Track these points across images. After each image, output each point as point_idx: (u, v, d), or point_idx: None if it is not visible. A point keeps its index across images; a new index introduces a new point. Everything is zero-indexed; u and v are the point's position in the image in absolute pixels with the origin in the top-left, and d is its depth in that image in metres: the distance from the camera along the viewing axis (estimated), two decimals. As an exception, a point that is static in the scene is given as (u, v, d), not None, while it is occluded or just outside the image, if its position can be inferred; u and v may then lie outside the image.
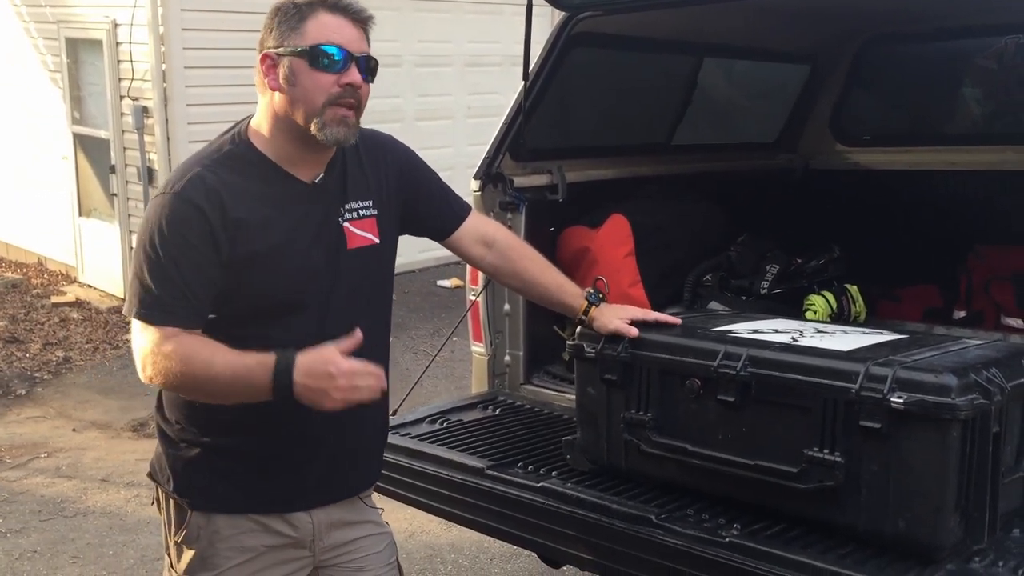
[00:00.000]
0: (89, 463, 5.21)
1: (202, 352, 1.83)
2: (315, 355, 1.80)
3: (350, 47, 1.91)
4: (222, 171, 1.92)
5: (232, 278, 1.89)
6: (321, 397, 1.79)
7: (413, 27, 8.75)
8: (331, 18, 1.90)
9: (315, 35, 1.89)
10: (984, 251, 3.94)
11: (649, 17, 3.43)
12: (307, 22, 1.89)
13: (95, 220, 8.48)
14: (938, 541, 1.95)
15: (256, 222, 1.90)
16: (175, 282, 1.84)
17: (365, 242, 2.05)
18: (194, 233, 1.85)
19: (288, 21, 1.90)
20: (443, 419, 3.05)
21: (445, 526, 4.10)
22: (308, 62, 1.88)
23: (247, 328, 1.92)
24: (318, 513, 2.08)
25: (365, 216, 2.06)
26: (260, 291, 1.92)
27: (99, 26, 7.79)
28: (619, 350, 2.37)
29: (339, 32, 1.90)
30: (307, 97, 1.89)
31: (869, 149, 4.43)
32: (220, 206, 1.87)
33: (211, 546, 2.01)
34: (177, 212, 1.86)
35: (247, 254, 1.88)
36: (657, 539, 2.18)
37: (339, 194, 2.03)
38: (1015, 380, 2.05)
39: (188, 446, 2.01)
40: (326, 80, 1.89)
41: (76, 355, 6.96)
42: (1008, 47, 4.01)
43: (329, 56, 1.88)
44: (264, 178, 1.94)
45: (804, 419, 2.08)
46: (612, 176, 3.72)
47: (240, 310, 1.92)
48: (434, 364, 3.79)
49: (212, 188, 1.88)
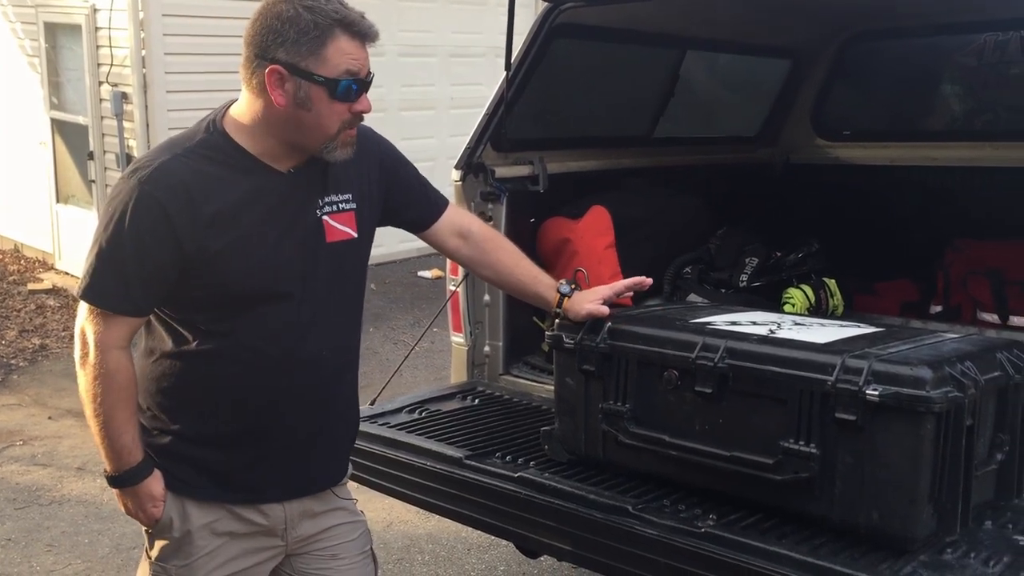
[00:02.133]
0: (65, 451, 5.17)
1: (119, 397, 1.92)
2: (149, 495, 1.98)
3: (363, 74, 1.89)
4: (193, 159, 1.90)
5: (199, 268, 1.88)
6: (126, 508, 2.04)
7: (397, 17, 8.71)
8: (350, 44, 1.86)
9: (336, 64, 1.85)
10: (961, 246, 3.98)
11: (632, 9, 3.44)
12: (327, 47, 1.84)
13: (73, 207, 8.40)
14: (911, 533, 1.97)
15: (224, 213, 1.88)
16: (120, 272, 1.87)
17: (343, 236, 2.04)
18: (150, 229, 1.85)
19: (307, 41, 1.83)
20: (422, 409, 3.05)
21: (423, 516, 4.10)
22: (329, 93, 1.86)
23: (223, 321, 1.93)
24: (290, 503, 2.07)
25: (344, 210, 2.04)
26: (228, 280, 1.91)
27: (78, 10, 7.71)
28: (597, 341, 2.38)
29: (358, 60, 1.88)
30: (321, 124, 1.88)
31: (849, 144, 4.45)
32: (186, 199, 1.85)
33: (184, 533, 2.01)
34: (137, 204, 1.85)
35: (213, 245, 1.87)
36: (633, 529, 2.19)
37: (318, 187, 2.01)
38: (989, 374, 2.07)
39: (160, 433, 2.01)
40: (342, 109, 1.89)
41: (52, 343, 6.91)
42: (987, 44, 4.04)
43: (351, 89, 1.87)
44: (238, 167, 1.93)
45: (780, 411, 2.10)
46: (593, 168, 3.72)
47: (211, 300, 1.92)
48: (414, 354, 3.77)
49: (179, 179, 1.86)
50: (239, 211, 1.90)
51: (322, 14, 1.84)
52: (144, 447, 2.00)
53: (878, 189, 4.22)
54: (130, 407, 1.95)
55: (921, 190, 4.12)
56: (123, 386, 1.93)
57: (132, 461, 1.96)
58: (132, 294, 1.89)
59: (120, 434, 1.94)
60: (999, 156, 3.91)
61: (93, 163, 7.88)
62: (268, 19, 1.85)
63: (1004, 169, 3.89)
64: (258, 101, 1.90)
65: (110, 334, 1.89)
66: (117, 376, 1.91)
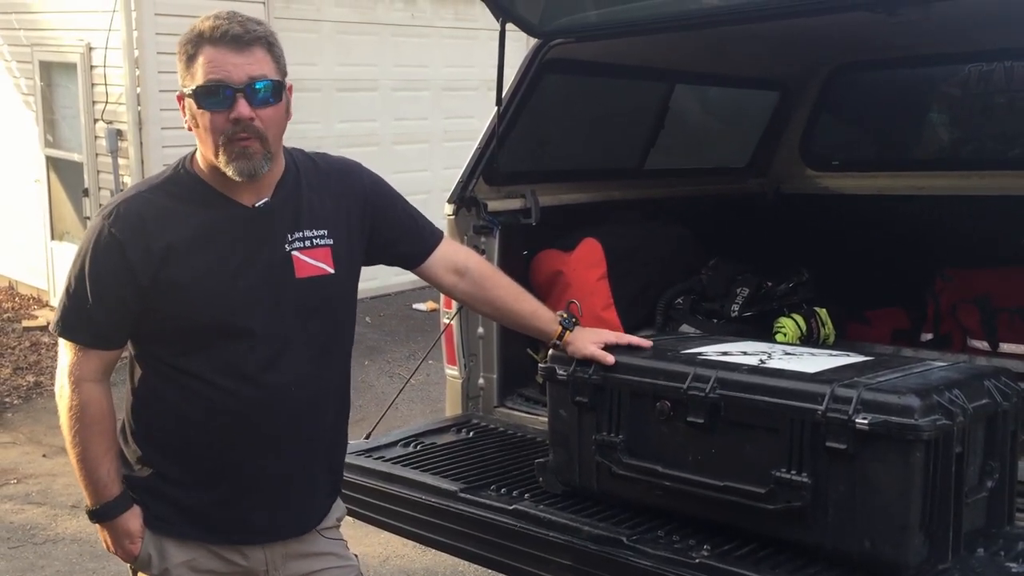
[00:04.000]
0: (59, 489, 5.15)
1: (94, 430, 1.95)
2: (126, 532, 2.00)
3: (231, 80, 1.85)
4: (158, 195, 1.96)
5: (156, 301, 1.92)
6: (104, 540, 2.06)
7: (390, 51, 8.80)
8: (213, 52, 1.86)
9: (201, 74, 1.86)
10: (951, 274, 4.01)
11: (621, 44, 3.48)
12: (196, 62, 1.87)
13: (68, 244, 8.41)
14: (903, 560, 1.98)
15: (181, 247, 1.91)
16: (83, 306, 1.93)
17: (317, 271, 2.02)
18: (109, 266, 1.91)
19: (184, 62, 1.90)
20: (417, 442, 3.06)
21: (420, 550, 4.08)
22: (196, 104, 1.89)
23: (185, 355, 1.94)
24: (271, 546, 2.06)
25: (319, 245, 2.03)
26: (184, 312, 1.93)
27: (73, 49, 7.78)
28: (590, 372, 2.39)
29: (220, 67, 1.85)
30: (206, 137, 1.91)
31: (838, 174, 4.50)
32: (143, 234, 1.90)
33: (162, 571, 2.02)
34: (100, 242, 1.92)
35: (169, 278, 1.91)
36: (628, 560, 2.19)
37: (288, 221, 2.00)
38: (977, 401, 2.09)
39: (140, 468, 2.02)
40: (218, 119, 1.87)
41: (47, 380, 6.89)
42: (972, 74, 4.10)
43: (212, 95, 1.86)
44: (200, 202, 1.95)
45: (772, 440, 2.11)
46: (585, 200, 3.75)
47: (171, 333, 1.95)
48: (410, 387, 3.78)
49: (139, 216, 1.92)
50: (194, 244, 1.93)
51: (193, 33, 1.89)
52: (126, 482, 2.01)
53: (867, 218, 4.26)
54: (105, 441, 1.97)
55: (910, 219, 4.15)
56: (96, 419, 1.95)
57: (109, 495, 1.98)
58: (98, 327, 1.94)
59: (96, 467, 1.96)
60: (986, 184, 3.95)
61: (88, 200, 7.91)
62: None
63: (991, 197, 3.93)
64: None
65: (83, 367, 1.94)
66: (89, 408, 1.94)
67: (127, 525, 2.00)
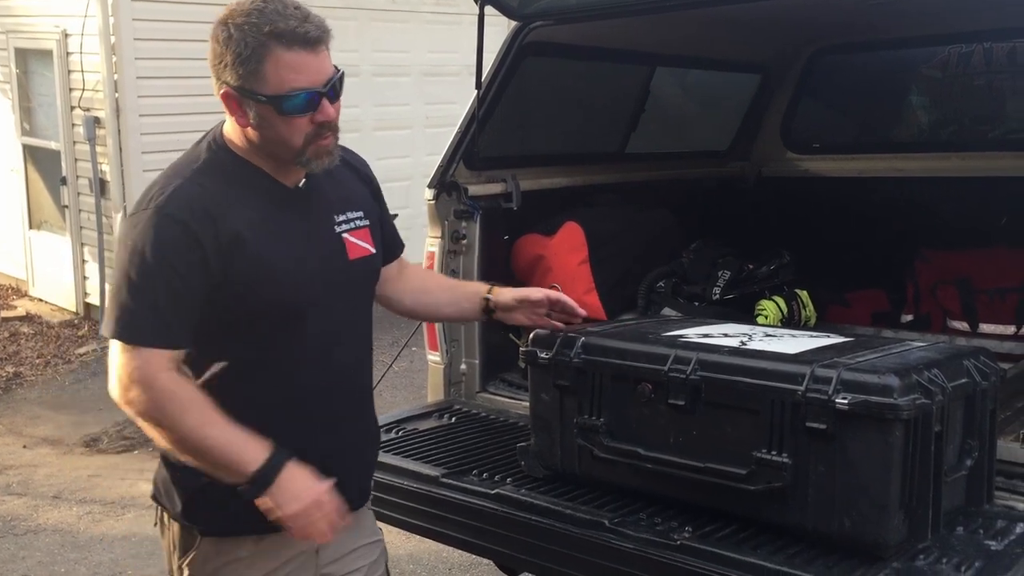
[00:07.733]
0: (40, 480, 5.12)
1: (196, 407, 1.78)
2: (306, 477, 1.81)
3: (315, 84, 1.80)
4: (205, 180, 1.85)
5: (225, 290, 1.82)
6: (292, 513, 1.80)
7: (371, 37, 8.74)
8: (288, 55, 1.77)
9: (277, 82, 1.77)
10: (930, 255, 4.03)
11: (601, 26, 3.47)
12: (265, 65, 1.77)
13: (46, 233, 8.34)
14: (883, 539, 1.99)
15: (248, 234, 1.83)
16: (153, 303, 1.78)
17: (364, 252, 2.04)
18: (178, 256, 1.78)
19: (242, 62, 1.77)
20: (399, 428, 3.05)
21: (403, 536, 4.07)
22: (276, 111, 1.80)
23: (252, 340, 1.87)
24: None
25: (360, 227, 2.04)
26: (263, 298, 1.85)
27: (49, 36, 7.69)
28: (572, 355, 2.39)
29: (301, 71, 1.78)
30: (283, 140, 1.84)
31: (819, 157, 4.51)
32: (208, 218, 1.80)
33: (218, 570, 1.96)
34: (160, 232, 1.78)
35: (237, 263, 1.82)
36: (610, 543, 2.19)
37: (330, 204, 1.99)
38: (956, 380, 2.10)
39: (194, 471, 1.87)
40: (299, 123, 1.82)
41: (27, 370, 6.83)
42: (951, 56, 4.11)
43: (297, 103, 1.80)
44: (248, 183, 1.89)
45: (753, 421, 2.12)
46: (566, 184, 3.75)
47: (242, 324, 1.87)
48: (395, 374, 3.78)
49: (197, 200, 1.81)
50: (261, 230, 1.86)
51: (253, 30, 1.76)
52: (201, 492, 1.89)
53: (848, 201, 4.27)
54: (212, 412, 1.78)
55: (890, 201, 4.17)
56: (192, 397, 1.79)
57: (260, 453, 1.78)
58: (167, 324, 1.79)
59: (223, 434, 1.78)
60: (965, 166, 3.97)
61: (66, 188, 7.84)
62: (212, 43, 1.82)
63: (970, 179, 3.95)
64: (234, 121, 1.88)
65: (150, 365, 1.78)
66: (178, 392, 1.79)
67: (301, 470, 1.81)
